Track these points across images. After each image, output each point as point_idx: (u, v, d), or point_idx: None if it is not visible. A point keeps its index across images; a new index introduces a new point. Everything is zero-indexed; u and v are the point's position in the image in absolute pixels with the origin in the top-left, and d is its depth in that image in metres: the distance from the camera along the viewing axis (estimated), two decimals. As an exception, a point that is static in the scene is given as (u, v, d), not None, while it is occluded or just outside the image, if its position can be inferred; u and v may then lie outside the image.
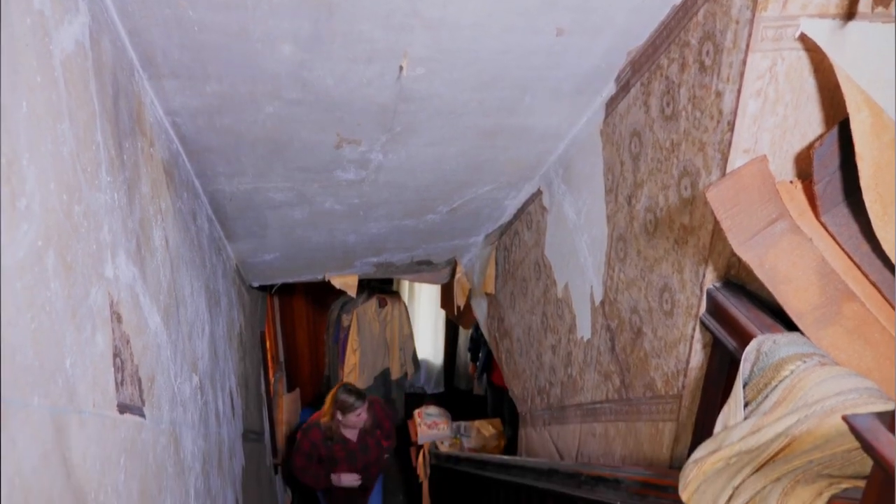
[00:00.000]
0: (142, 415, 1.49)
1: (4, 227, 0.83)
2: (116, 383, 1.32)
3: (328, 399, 3.93)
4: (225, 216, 2.68)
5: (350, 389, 3.88)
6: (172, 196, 1.91)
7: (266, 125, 1.96)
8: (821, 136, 1.44)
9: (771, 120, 1.47)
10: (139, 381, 1.49)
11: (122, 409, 1.35)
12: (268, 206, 2.64)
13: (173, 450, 1.78)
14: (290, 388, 6.12)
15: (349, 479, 4.04)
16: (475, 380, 6.50)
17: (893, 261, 1.37)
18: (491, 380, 5.98)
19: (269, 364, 5.12)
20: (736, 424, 1.29)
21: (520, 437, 3.33)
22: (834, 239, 1.44)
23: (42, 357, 0.95)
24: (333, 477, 4.03)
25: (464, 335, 6.95)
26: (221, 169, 2.23)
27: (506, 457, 3.52)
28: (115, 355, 1.32)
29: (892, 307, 1.39)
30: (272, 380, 5.24)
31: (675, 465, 1.78)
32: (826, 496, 1.02)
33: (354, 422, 3.82)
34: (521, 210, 2.95)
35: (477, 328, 6.19)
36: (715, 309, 1.57)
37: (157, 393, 1.64)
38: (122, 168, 1.40)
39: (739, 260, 1.50)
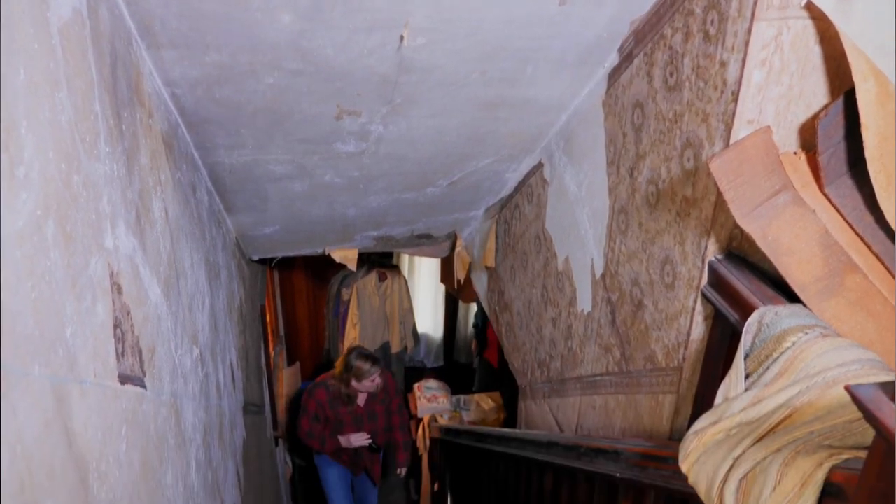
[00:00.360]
0: (143, 386, 1.49)
1: (4, 195, 0.83)
2: (117, 354, 1.32)
3: (339, 363, 3.82)
4: (225, 189, 2.67)
5: (365, 355, 3.76)
6: (172, 168, 1.90)
7: (266, 96, 1.94)
8: (826, 107, 1.43)
9: (776, 90, 1.45)
10: (140, 352, 1.49)
11: (123, 379, 1.35)
12: (268, 179, 2.63)
13: (174, 421, 1.79)
14: (291, 362, 6.16)
15: (358, 439, 3.94)
16: (475, 356, 6.54)
17: (897, 232, 1.36)
18: (483, 356, 6.01)
19: (270, 338, 5.15)
20: (737, 396, 1.29)
21: (519, 409, 3.35)
22: (837, 210, 1.43)
23: (42, 326, 0.95)
24: (342, 438, 3.94)
25: (463, 309, 6.98)
26: (221, 141, 2.21)
27: (506, 429, 3.56)
28: (116, 326, 1.32)
29: (895, 279, 1.39)
30: (272, 353, 5.26)
31: (675, 437, 1.79)
32: (827, 466, 1.02)
33: (369, 387, 3.75)
34: (522, 183, 2.93)
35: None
36: (717, 281, 1.56)
37: (157, 364, 1.64)
38: (121, 138, 1.39)
39: (742, 232, 1.50)
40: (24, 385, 0.89)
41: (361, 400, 3.92)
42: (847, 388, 0.84)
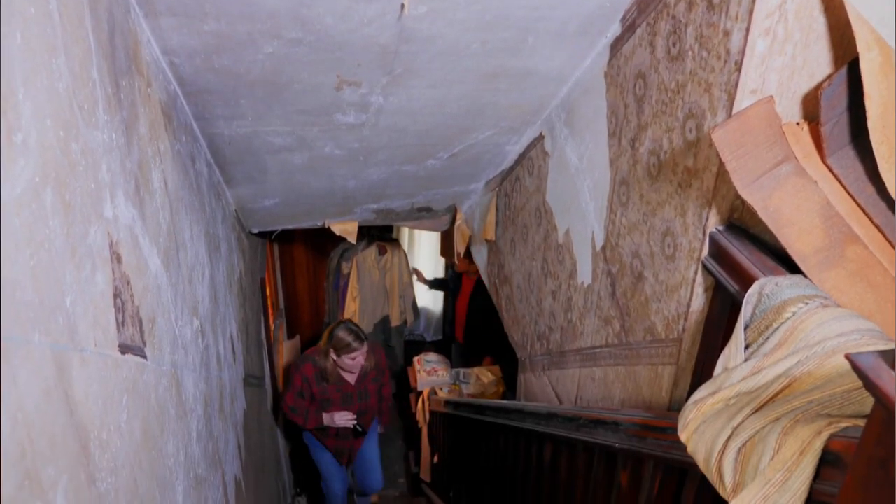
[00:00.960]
0: (143, 356, 1.50)
1: (2, 161, 0.82)
2: (117, 323, 1.32)
3: (325, 334, 3.64)
4: (224, 161, 2.66)
5: (350, 328, 3.51)
6: (171, 138, 1.88)
7: (265, 66, 1.92)
8: (829, 77, 1.41)
9: (779, 60, 1.43)
10: (140, 322, 1.49)
11: (124, 349, 1.35)
12: (267, 151, 2.61)
13: (175, 392, 1.80)
14: (291, 336, 6.18)
15: (343, 418, 3.73)
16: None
17: (898, 203, 1.36)
18: (454, 335, 6.04)
19: (270, 311, 5.16)
20: (736, 366, 1.30)
21: (519, 382, 3.37)
22: (839, 181, 1.42)
23: (42, 294, 0.94)
24: (325, 416, 3.75)
25: (463, 283, 6.99)
26: (220, 112, 2.19)
27: (505, 401, 3.58)
28: (116, 296, 1.32)
29: (895, 249, 1.39)
30: (272, 326, 5.28)
31: (674, 408, 1.80)
32: (825, 435, 1.02)
33: (349, 365, 3.53)
34: (523, 155, 2.92)
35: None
36: (717, 252, 1.56)
37: (158, 335, 1.64)
38: (120, 107, 1.38)
39: (743, 203, 1.49)
40: (25, 352, 0.89)
41: (352, 377, 3.73)
42: (847, 357, 0.84)
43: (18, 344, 0.87)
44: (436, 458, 5.23)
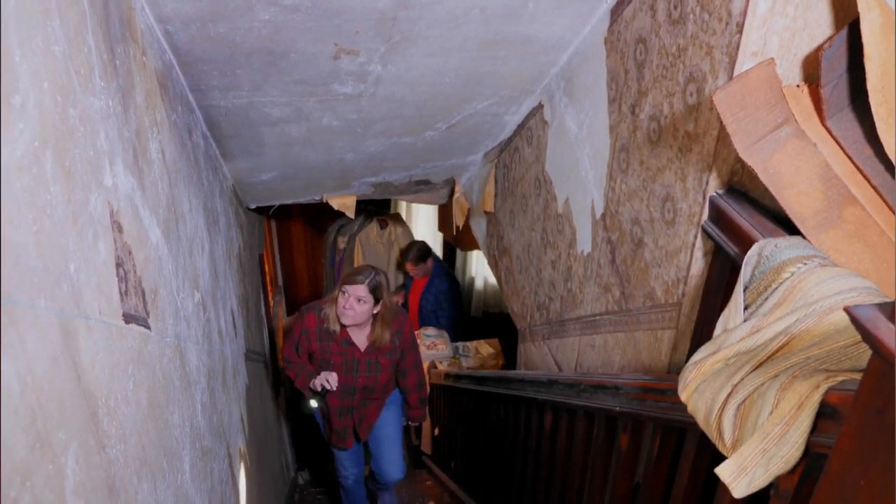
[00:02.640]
0: (147, 326, 1.50)
1: (1, 123, 0.82)
2: (121, 293, 1.33)
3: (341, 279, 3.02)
4: (220, 133, 2.65)
5: (370, 266, 2.96)
6: (167, 108, 1.87)
7: (261, 34, 1.90)
8: (830, 38, 1.41)
9: (780, 21, 1.43)
10: (143, 292, 1.50)
11: (128, 318, 1.36)
12: (264, 123, 2.60)
13: (179, 363, 1.81)
14: (290, 312, 6.20)
15: (325, 380, 3.02)
16: None
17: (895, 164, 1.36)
18: None
19: (269, 288, 5.17)
20: (736, 326, 1.31)
21: (519, 352, 3.39)
22: (838, 143, 1.43)
23: (46, 260, 0.95)
24: (315, 379, 3.06)
25: (461, 258, 7.00)
26: (216, 82, 2.18)
27: (506, 371, 3.61)
28: (118, 265, 1.32)
29: (892, 211, 1.39)
30: (272, 303, 5.30)
31: (674, 371, 1.82)
32: (823, 388, 1.04)
33: (342, 306, 2.83)
34: (522, 126, 2.91)
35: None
36: (717, 216, 1.57)
37: (160, 306, 1.65)
38: (116, 75, 1.37)
39: (743, 166, 1.50)
40: (31, 317, 0.89)
41: (361, 341, 3.03)
42: (846, 309, 0.85)
43: (25, 308, 0.87)
44: (436, 431, 5.29)
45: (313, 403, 3.20)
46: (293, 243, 6.70)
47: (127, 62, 1.46)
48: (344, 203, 3.99)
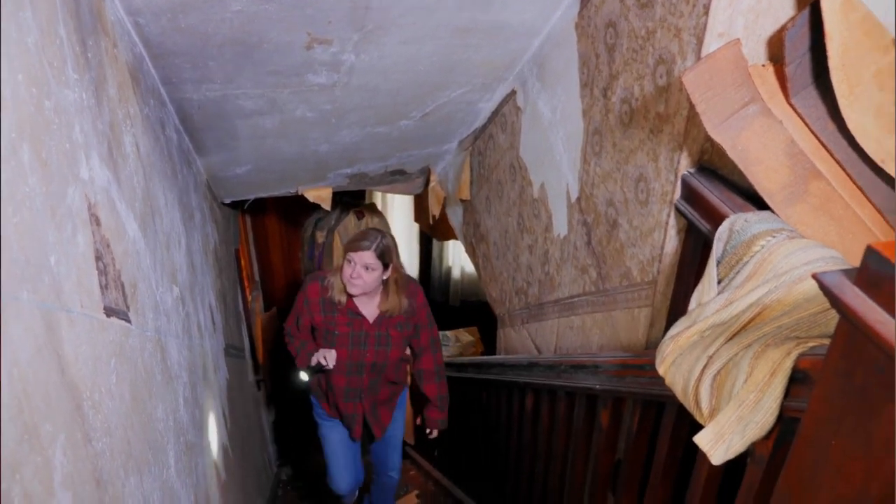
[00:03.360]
0: (127, 320, 1.50)
1: (-22, 114, 0.82)
2: (101, 286, 1.33)
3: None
4: (193, 127, 2.62)
5: (370, 229, 2.61)
6: (140, 102, 1.86)
7: (233, 24, 1.89)
8: (792, 19, 1.45)
9: (745, 3, 1.46)
10: (122, 286, 1.50)
11: (109, 312, 1.36)
12: (237, 115, 2.59)
13: (160, 357, 1.80)
14: (267, 308, 6.17)
15: (323, 357, 2.69)
16: None
17: (857, 139, 1.41)
18: None
19: (245, 283, 5.14)
20: (710, 300, 1.35)
21: (498, 337, 3.42)
22: (802, 120, 1.47)
23: (27, 252, 0.95)
24: (317, 354, 2.73)
25: (437, 248, 7.02)
26: (188, 75, 2.16)
27: (486, 356, 3.63)
28: (98, 258, 1.32)
29: (856, 184, 1.44)
30: (249, 298, 5.27)
31: (651, 348, 1.86)
32: (794, 354, 1.08)
33: (349, 276, 2.53)
34: (496, 113, 2.93)
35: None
36: (689, 194, 1.61)
37: (140, 300, 1.64)
38: (88, 67, 1.36)
39: (712, 144, 1.53)
40: (15, 309, 0.90)
41: (370, 312, 2.71)
42: (814, 276, 0.88)
43: (8, 299, 0.87)
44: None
45: (303, 376, 2.96)
46: (269, 238, 6.66)
47: (98, 54, 1.45)
48: (319, 195, 3.98)
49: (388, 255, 2.55)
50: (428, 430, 3.07)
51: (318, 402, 3.03)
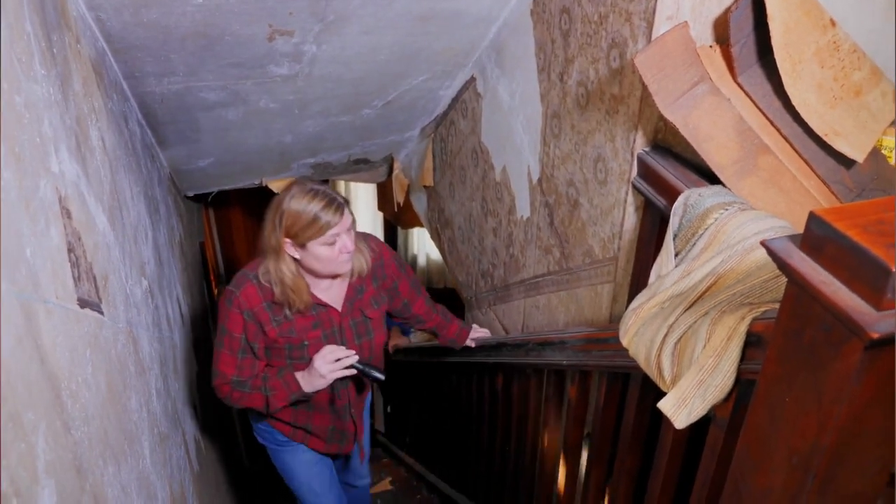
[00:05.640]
0: (100, 311, 1.51)
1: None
2: (74, 278, 1.34)
3: (271, 215, 1.95)
4: (156, 121, 2.61)
5: (310, 187, 1.86)
6: (104, 96, 1.86)
7: (195, 18, 1.90)
8: (736, 1, 1.52)
9: (692, -14, 1.53)
10: (94, 278, 1.51)
11: (83, 303, 1.37)
12: (200, 108, 2.58)
13: (133, 349, 1.81)
14: (234, 301, 6.11)
15: (332, 364, 1.91)
16: None
17: (801, 115, 1.49)
18: None
19: (212, 278, 5.11)
20: (668, 272, 1.41)
21: (466, 321, 3.47)
22: (749, 98, 1.55)
23: (5, 244, 0.96)
24: (302, 376, 1.94)
25: (402, 236, 7.04)
26: (150, 69, 2.16)
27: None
28: (70, 250, 1.33)
29: (801, 157, 1.52)
30: (216, 292, 5.24)
31: (615, 322, 1.93)
32: (748, 319, 1.14)
33: (337, 252, 1.83)
34: (456, 99, 2.97)
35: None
36: (645, 172, 1.67)
37: (111, 292, 1.65)
38: (54, 62, 1.37)
39: (665, 123, 1.60)
40: (-3, 300, 0.91)
41: (335, 296, 2.01)
42: (762, 243, 0.94)
43: (-10, 291, 0.89)
44: (388, 409, 5.34)
45: (380, 377, 1.98)
46: (233, 232, 6.61)
47: (63, 50, 1.46)
48: (284, 186, 3.96)
49: (347, 204, 1.89)
50: (463, 342, 2.57)
51: (270, 423, 2.23)
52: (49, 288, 1.16)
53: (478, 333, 2.60)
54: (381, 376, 1.96)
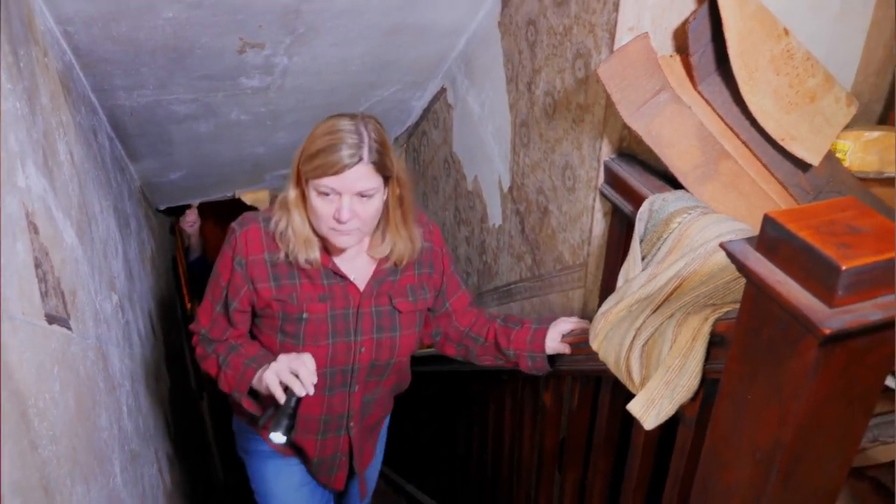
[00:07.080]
0: (69, 328, 1.50)
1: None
2: (41, 294, 1.33)
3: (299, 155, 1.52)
4: (126, 134, 2.60)
5: (353, 124, 1.43)
6: (71, 110, 1.85)
7: (165, 32, 1.90)
8: (694, 12, 1.56)
9: (651, -1, 1.57)
10: (62, 293, 1.50)
11: (50, 319, 1.36)
12: (171, 121, 2.57)
13: (102, 365, 1.79)
14: (209, 315, 6.04)
15: (292, 373, 1.42)
16: None
17: (758, 120, 1.53)
18: None
19: (185, 292, 5.06)
20: (635, 276, 1.44)
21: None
22: (709, 105, 1.59)
23: (-29, 260, 0.96)
24: (265, 372, 1.46)
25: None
26: (120, 82, 2.15)
27: (429, 349, 3.67)
28: (37, 266, 1.32)
29: (761, 162, 1.57)
30: (189, 307, 5.19)
31: (584, 327, 1.95)
32: (712, 319, 1.17)
33: (331, 219, 1.43)
34: (428, 110, 2.99)
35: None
36: (612, 179, 1.71)
37: (80, 307, 1.64)
38: (21, 77, 1.36)
39: (629, 131, 1.63)
40: (-39, 315, 0.91)
41: (359, 269, 1.61)
42: (722, 245, 0.97)
43: (-45, 306, 0.89)
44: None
45: (276, 438, 1.42)
46: (206, 244, 6.55)
47: (30, 64, 1.45)
48: (257, 198, 3.96)
49: (388, 159, 1.44)
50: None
51: (254, 428, 1.82)
52: (16, 304, 1.15)
53: (567, 325, 1.74)
54: (279, 432, 1.40)
